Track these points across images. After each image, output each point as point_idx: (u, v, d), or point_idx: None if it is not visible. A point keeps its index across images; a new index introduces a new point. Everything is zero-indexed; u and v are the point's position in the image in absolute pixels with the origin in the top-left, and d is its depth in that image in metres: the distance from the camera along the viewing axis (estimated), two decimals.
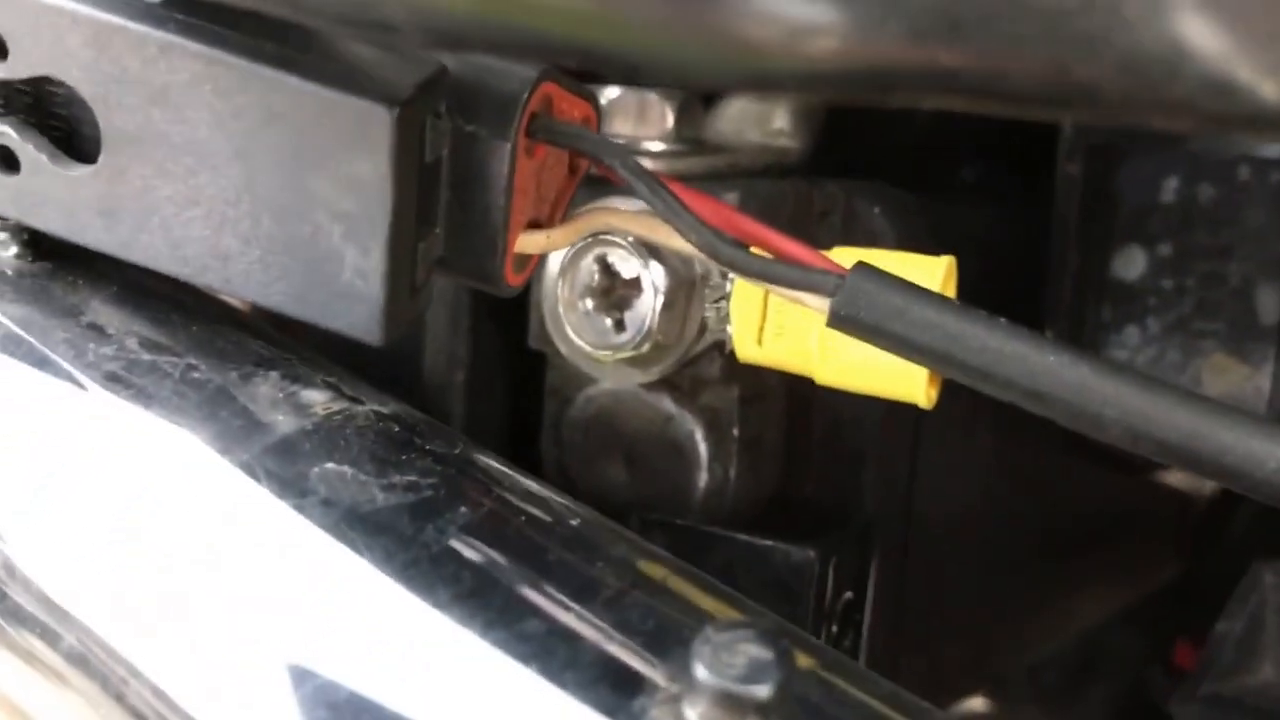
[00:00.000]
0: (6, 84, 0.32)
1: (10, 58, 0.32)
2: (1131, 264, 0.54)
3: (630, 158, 0.32)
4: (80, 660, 0.29)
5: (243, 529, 0.28)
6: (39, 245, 0.35)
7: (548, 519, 0.30)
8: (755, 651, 0.24)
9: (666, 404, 0.46)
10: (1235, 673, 0.58)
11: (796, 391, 0.48)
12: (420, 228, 0.32)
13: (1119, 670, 0.82)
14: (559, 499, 0.32)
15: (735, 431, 0.46)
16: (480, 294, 0.51)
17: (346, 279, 0.31)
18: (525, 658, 0.26)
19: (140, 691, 0.27)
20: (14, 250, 0.35)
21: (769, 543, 0.44)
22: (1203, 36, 0.17)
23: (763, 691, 0.24)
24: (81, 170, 0.32)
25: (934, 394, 0.39)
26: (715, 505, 0.47)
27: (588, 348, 0.43)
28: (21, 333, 0.33)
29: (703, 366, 0.45)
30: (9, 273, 0.35)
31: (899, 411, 0.49)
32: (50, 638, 0.29)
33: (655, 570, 0.29)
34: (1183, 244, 0.53)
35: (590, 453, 0.48)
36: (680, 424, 0.46)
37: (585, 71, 0.30)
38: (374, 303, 0.31)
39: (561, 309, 0.43)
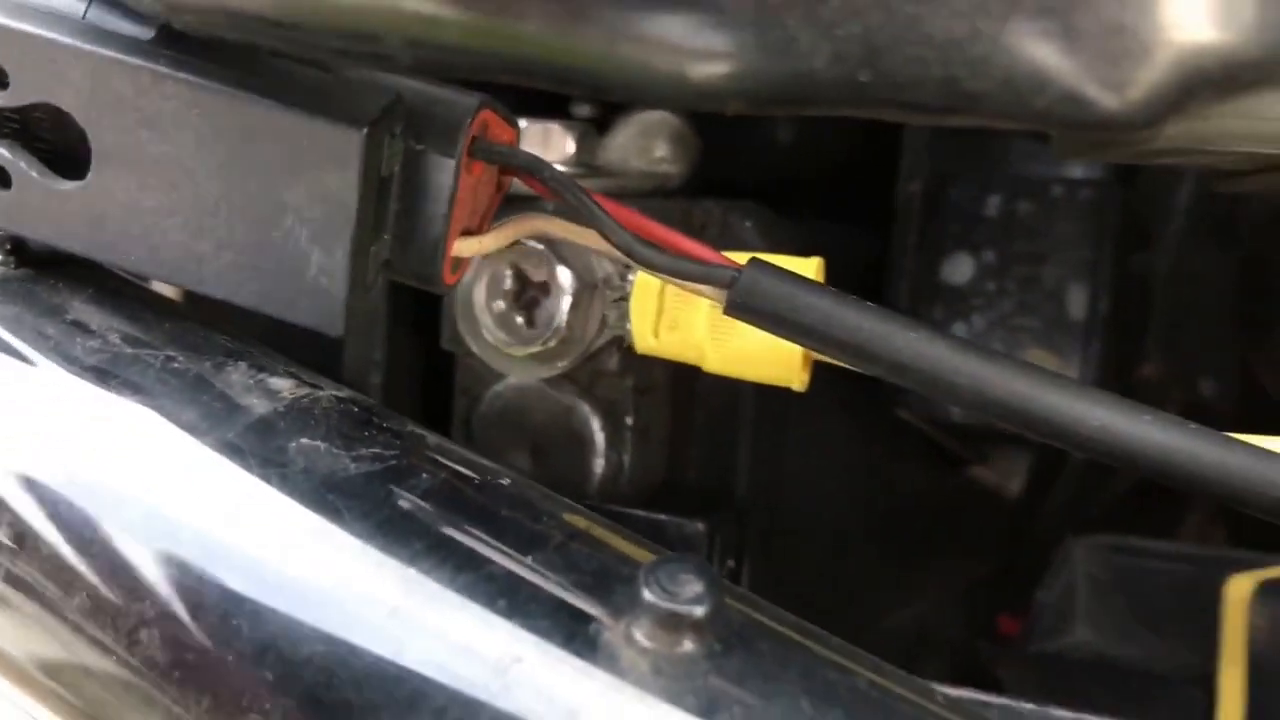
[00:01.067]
0: (2, 110, 0.35)
1: (11, 88, 0.34)
2: (960, 269, 0.61)
3: (559, 173, 0.36)
4: (86, 619, 0.31)
5: (233, 495, 0.31)
6: (21, 253, 0.38)
7: (494, 483, 0.34)
8: (692, 580, 0.28)
9: (567, 397, 0.51)
10: (1054, 635, 0.64)
11: (681, 385, 0.53)
12: (374, 233, 0.35)
13: (950, 643, 0.88)
14: (499, 468, 0.35)
15: (629, 420, 0.50)
16: (393, 303, 0.55)
17: (312, 277, 0.35)
18: (492, 596, 0.30)
19: (152, 638, 0.30)
20: None
21: (663, 517, 0.49)
22: (1060, 59, 0.22)
23: (699, 611, 0.28)
24: (70, 185, 0.35)
25: (806, 378, 0.44)
26: (611, 488, 0.51)
27: (502, 345, 0.47)
28: (11, 331, 0.35)
29: (601, 361, 0.49)
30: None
31: (768, 405, 0.54)
32: (55, 605, 0.32)
33: (589, 525, 0.33)
34: (1004, 252, 0.60)
35: (499, 444, 0.51)
36: (579, 414, 0.51)
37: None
38: (336, 299, 0.35)
39: (477, 310, 0.47)
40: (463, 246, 0.38)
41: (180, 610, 0.30)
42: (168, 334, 0.36)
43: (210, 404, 0.33)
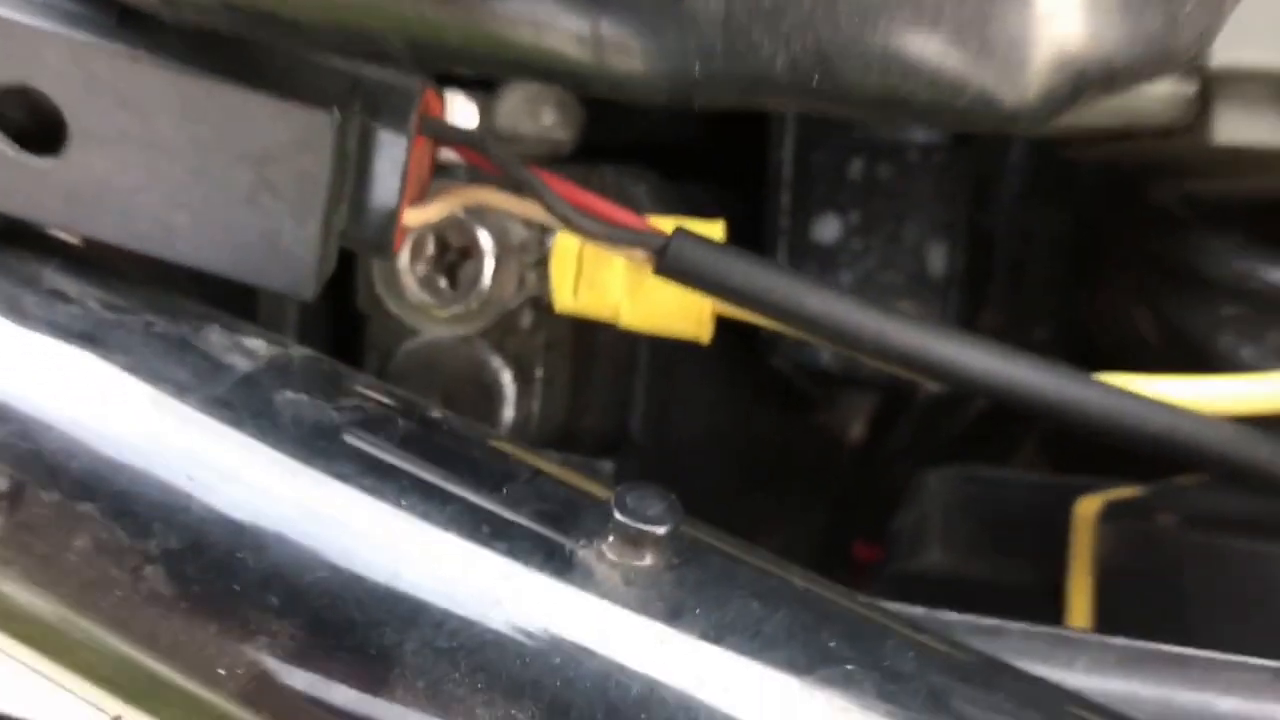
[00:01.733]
0: None
1: None
2: (828, 229, 0.66)
3: (501, 147, 0.40)
4: (88, 562, 0.34)
5: (230, 443, 0.34)
6: None
7: (460, 430, 0.38)
8: (655, 503, 0.33)
9: (480, 352, 0.54)
10: (910, 558, 0.70)
11: (583, 340, 0.57)
12: (335, 205, 0.39)
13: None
14: (459, 418, 0.39)
15: (539, 373, 0.54)
16: None
17: (285, 247, 0.38)
18: (477, 523, 0.33)
19: (157, 573, 0.33)
20: None
21: (577, 458, 0.53)
22: (975, 68, 0.27)
23: (662, 530, 0.32)
24: (45, 162, 0.37)
25: (710, 332, 0.49)
26: (519, 435, 0.55)
27: (426, 306, 0.50)
28: None
29: (515, 319, 0.53)
30: None
31: (660, 356, 0.59)
32: (56, 549, 0.34)
33: (546, 464, 0.37)
34: (868, 212, 0.65)
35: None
36: (491, 368, 0.54)
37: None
38: (308, 265, 0.38)
39: (401, 274, 0.50)
40: (411, 216, 0.41)
41: (184, 548, 0.33)
42: (142, 300, 0.38)
43: (196, 364, 0.36)
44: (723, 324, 0.47)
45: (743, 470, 0.79)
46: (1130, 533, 0.54)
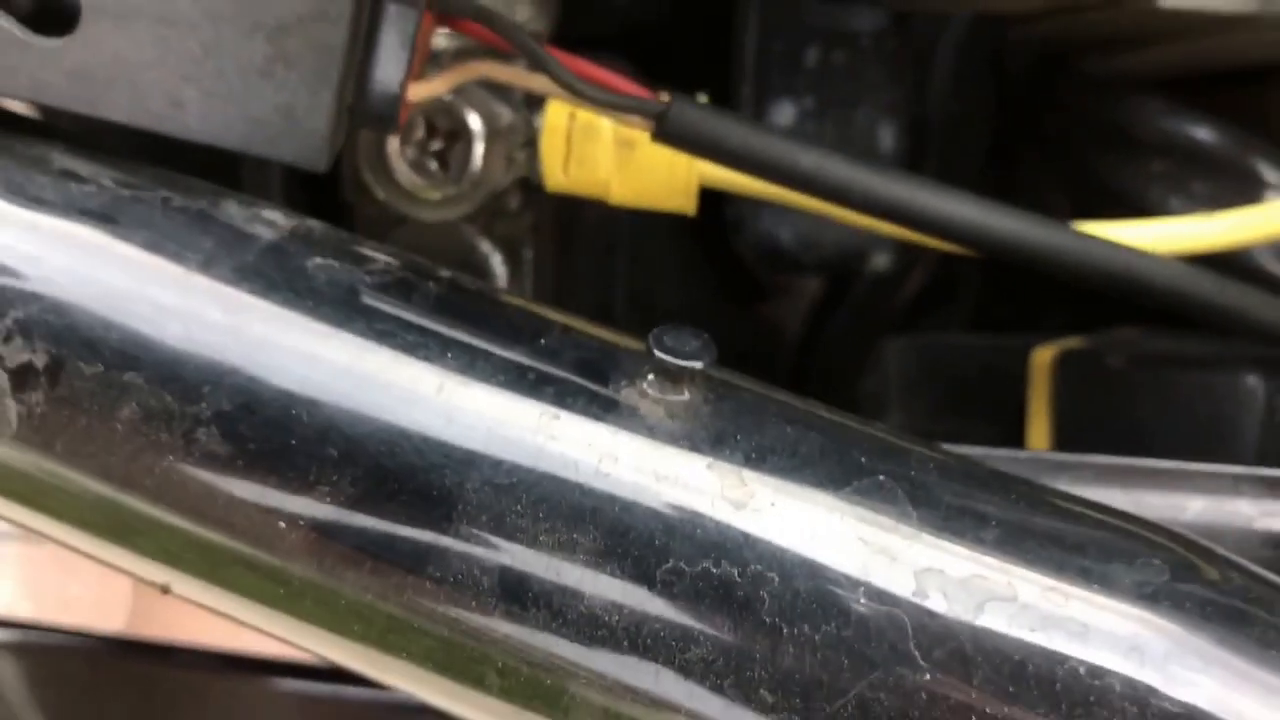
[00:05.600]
0: None
1: None
2: (784, 113, 0.66)
3: (510, 22, 0.40)
4: (135, 430, 0.34)
5: (269, 305, 0.34)
6: None
7: (486, 288, 0.38)
8: (690, 341, 0.33)
9: (469, 235, 0.54)
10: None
11: (566, 223, 0.57)
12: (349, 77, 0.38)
13: None
14: (477, 280, 0.39)
15: (528, 255, 0.55)
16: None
17: (299, 119, 0.37)
18: (522, 369, 0.33)
19: (211, 434, 0.33)
20: None
21: None
22: None
23: (699, 364, 0.33)
24: (53, 42, 0.36)
25: (694, 205, 0.50)
26: None
27: (417, 190, 0.50)
28: (7, 183, 0.36)
29: (503, 201, 0.53)
30: None
31: (636, 242, 0.60)
32: (101, 418, 0.34)
33: (573, 319, 0.37)
34: (821, 97, 0.66)
35: None
36: (480, 251, 0.54)
37: None
38: (321, 137, 0.37)
39: (391, 159, 0.50)
40: (416, 90, 0.41)
41: (236, 408, 0.33)
42: (154, 176, 0.38)
43: (221, 235, 0.36)
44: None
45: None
46: (1084, 376, 0.56)
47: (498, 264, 0.54)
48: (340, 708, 0.57)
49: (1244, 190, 0.57)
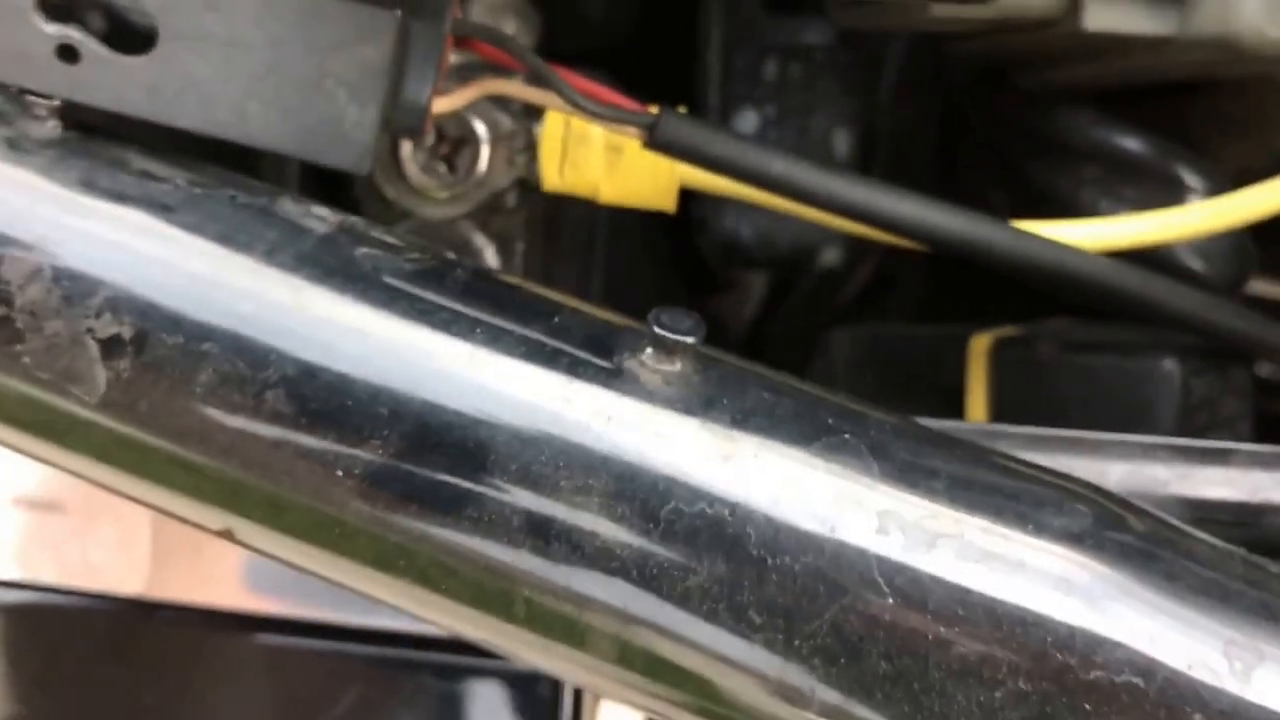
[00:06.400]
0: None
1: None
2: (747, 122, 0.73)
3: (520, 43, 0.45)
4: (211, 392, 0.39)
5: (327, 285, 0.39)
6: (66, 119, 0.44)
7: (502, 276, 0.43)
8: (684, 319, 0.39)
9: (465, 231, 0.60)
10: None
11: (552, 220, 0.63)
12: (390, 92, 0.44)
13: None
14: (491, 269, 0.45)
15: (520, 247, 0.60)
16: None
17: (346, 129, 0.43)
18: (540, 343, 0.39)
19: (278, 396, 0.39)
20: (51, 124, 0.43)
21: None
22: None
23: (692, 339, 0.39)
24: (133, 60, 0.42)
25: (674, 204, 0.56)
26: None
27: (426, 189, 0.56)
28: (93, 180, 0.41)
29: (501, 200, 0.59)
30: (54, 139, 0.42)
31: (612, 237, 0.65)
32: (180, 383, 0.39)
33: (576, 301, 0.43)
34: (781, 106, 0.72)
35: None
36: (475, 244, 0.60)
37: None
38: (365, 145, 0.43)
39: (403, 161, 0.56)
40: (440, 104, 0.46)
41: (299, 374, 0.39)
42: (219, 176, 0.43)
43: (281, 227, 0.41)
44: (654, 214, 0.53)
45: None
46: (1018, 361, 0.63)
47: (490, 256, 0.60)
48: (347, 663, 0.62)
49: (1167, 194, 0.62)
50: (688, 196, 0.58)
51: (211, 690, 0.65)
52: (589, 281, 0.64)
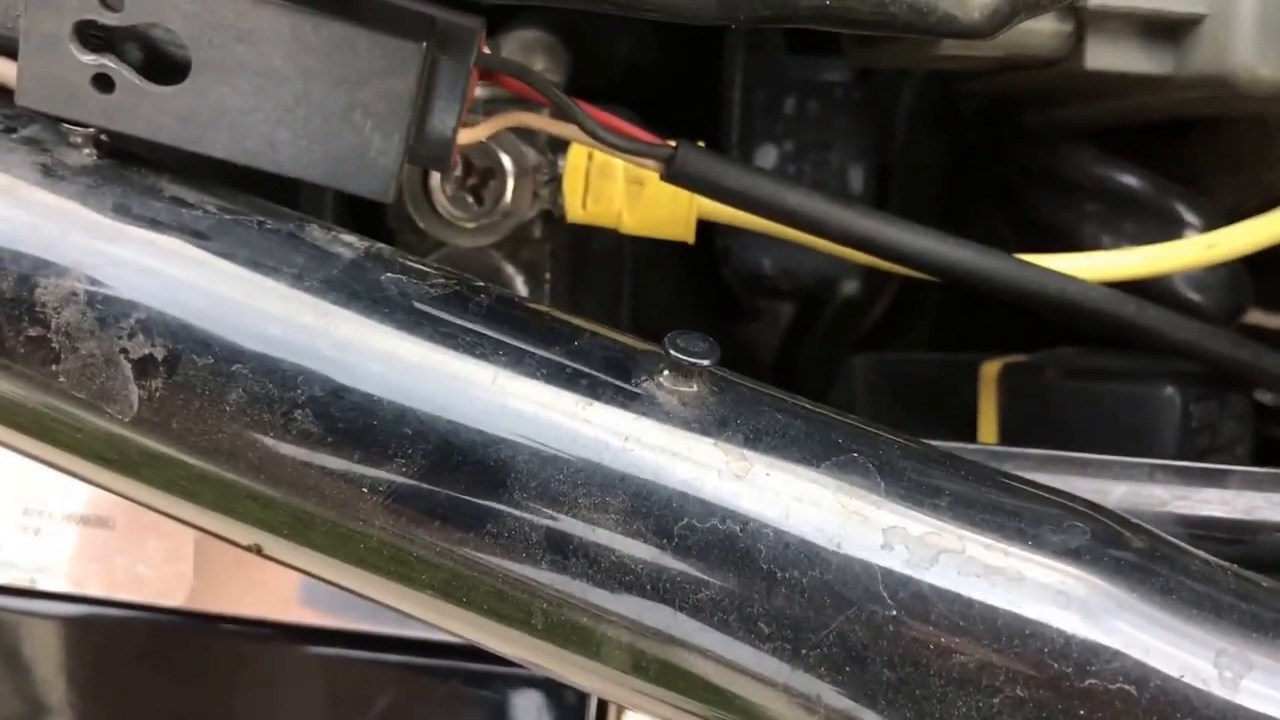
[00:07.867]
0: (112, 27, 0.40)
1: (125, 10, 0.40)
2: (767, 156, 0.72)
3: (543, 77, 0.45)
4: (242, 410, 0.38)
5: (352, 309, 0.39)
6: (100, 146, 0.43)
7: (523, 300, 0.43)
8: (699, 342, 0.38)
9: (494, 260, 0.59)
10: None
11: (579, 250, 0.62)
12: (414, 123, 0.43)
13: None
14: (513, 293, 0.44)
15: (548, 276, 0.60)
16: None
17: (371, 157, 0.42)
18: (561, 365, 0.38)
19: (306, 415, 0.38)
20: (86, 151, 0.42)
21: None
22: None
23: (707, 361, 0.38)
24: (167, 90, 0.41)
25: (693, 235, 0.55)
26: None
27: (455, 220, 0.55)
28: (126, 207, 0.41)
29: (528, 230, 0.58)
30: (89, 166, 0.42)
31: (638, 266, 0.65)
32: (212, 400, 0.39)
33: (596, 326, 0.42)
34: (799, 142, 0.71)
35: None
36: (505, 273, 0.59)
37: None
38: (389, 173, 0.42)
39: (433, 192, 0.55)
40: (465, 135, 0.46)
41: (327, 394, 0.38)
42: (248, 203, 0.42)
43: (310, 252, 0.40)
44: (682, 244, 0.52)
45: None
46: (1026, 387, 0.62)
47: (520, 285, 0.59)
48: (382, 671, 0.62)
49: (1166, 228, 0.62)
50: (712, 228, 0.57)
51: (251, 697, 0.64)
52: (618, 310, 0.63)
